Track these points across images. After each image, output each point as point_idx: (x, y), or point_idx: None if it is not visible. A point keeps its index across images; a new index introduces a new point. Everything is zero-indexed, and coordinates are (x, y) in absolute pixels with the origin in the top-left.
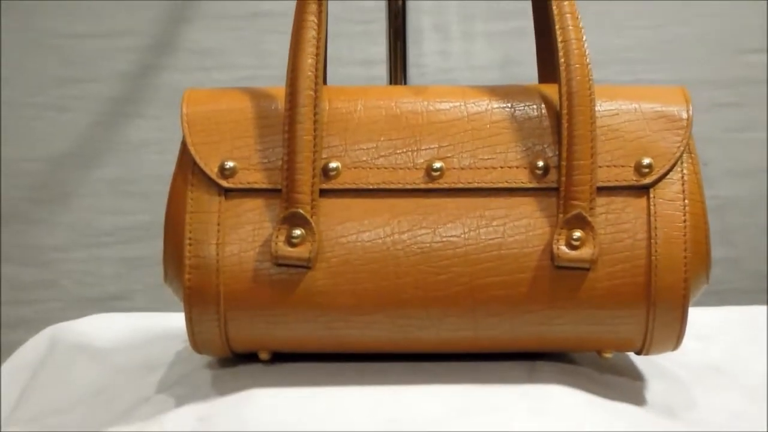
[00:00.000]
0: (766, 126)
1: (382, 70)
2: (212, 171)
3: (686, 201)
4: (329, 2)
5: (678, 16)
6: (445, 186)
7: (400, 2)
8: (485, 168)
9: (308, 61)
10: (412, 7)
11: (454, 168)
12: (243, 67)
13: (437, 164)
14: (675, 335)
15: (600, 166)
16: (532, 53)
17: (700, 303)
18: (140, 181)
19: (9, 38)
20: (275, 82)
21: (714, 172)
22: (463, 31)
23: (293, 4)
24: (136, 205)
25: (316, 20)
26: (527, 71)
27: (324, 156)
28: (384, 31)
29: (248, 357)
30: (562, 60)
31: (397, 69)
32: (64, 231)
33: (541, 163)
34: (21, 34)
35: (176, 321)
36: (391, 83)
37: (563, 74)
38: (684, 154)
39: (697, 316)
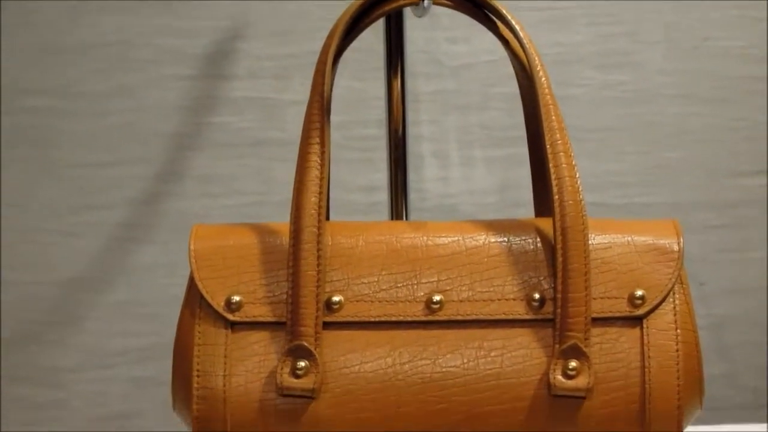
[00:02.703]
0: (760, 246)
1: (383, 196)
2: (219, 305)
3: (678, 331)
4: (331, 129)
5: (671, 140)
6: (445, 318)
7: (401, 133)
8: (483, 300)
9: (312, 199)
10: (412, 133)
11: (453, 300)
12: (249, 193)
13: (437, 297)
14: None
15: (594, 298)
16: (529, 178)
17: (698, 421)
18: (149, 303)
19: (26, 168)
20: (281, 208)
21: (710, 292)
22: (462, 157)
23: (298, 132)
24: (145, 327)
25: (319, 161)
26: (525, 195)
27: (327, 290)
28: (385, 158)
29: None
30: (557, 197)
31: (398, 195)
32: (75, 352)
33: (537, 296)
34: (35, 163)
35: None
36: (392, 209)
37: (557, 210)
38: (675, 285)
39: None
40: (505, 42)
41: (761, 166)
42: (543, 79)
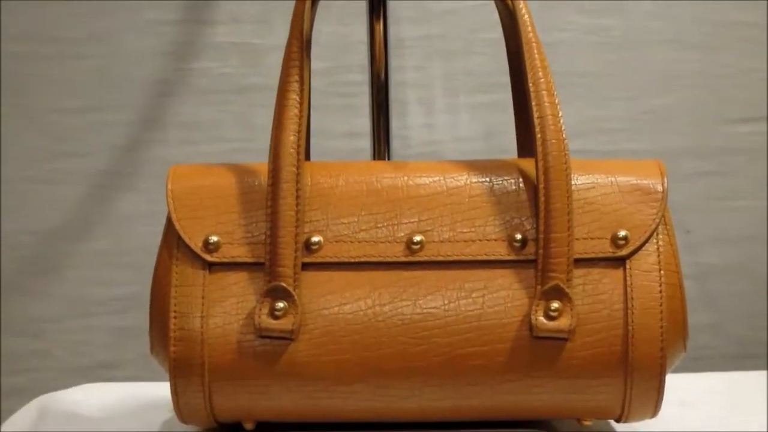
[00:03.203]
0: (749, 194)
1: (365, 143)
2: (197, 245)
3: (662, 272)
4: (312, 77)
5: (659, 86)
6: (425, 259)
7: (383, 77)
8: (464, 241)
9: (290, 138)
10: (396, 81)
11: (434, 241)
12: (231, 140)
13: (417, 238)
14: (653, 403)
15: (577, 239)
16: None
17: (682, 369)
18: (131, 252)
19: (5, 114)
20: (264, 155)
21: (696, 240)
22: (446, 104)
23: (277, 79)
24: (126, 276)
25: (298, 99)
26: (510, 142)
27: (306, 230)
28: (367, 104)
29: (233, 427)
30: (539, 135)
31: (381, 142)
32: (56, 302)
33: (519, 236)
34: (13, 110)
35: (163, 390)
36: (374, 156)
37: (540, 149)
38: (659, 226)
39: (679, 382)
40: None
41: (750, 113)
42: (526, 17)
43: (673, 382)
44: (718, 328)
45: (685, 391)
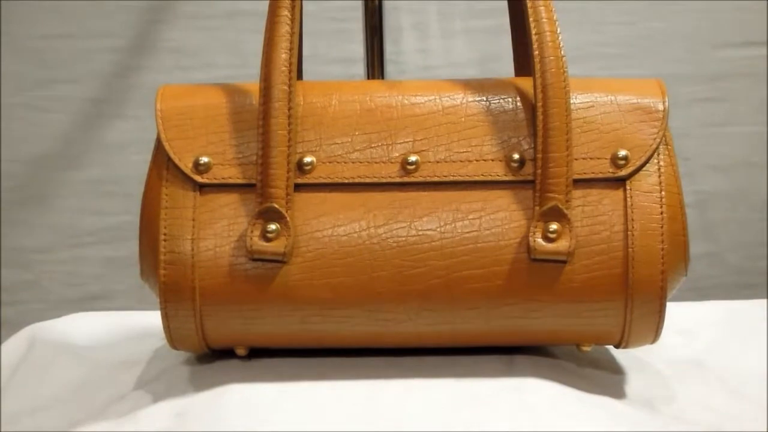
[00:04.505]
0: (747, 120)
1: (359, 68)
2: (187, 166)
3: (663, 193)
4: (306, 1)
5: (655, 11)
6: (421, 179)
7: (377, 1)
8: (460, 161)
9: (282, 56)
10: (390, 6)
11: (429, 161)
12: (222, 66)
13: (412, 158)
14: (653, 328)
15: (576, 159)
16: (511, 50)
17: (681, 298)
18: (121, 181)
19: None
20: (254, 81)
21: (695, 167)
22: (441, 29)
23: None
24: (117, 206)
25: (289, 15)
26: (506, 68)
27: (299, 150)
28: (361, 29)
29: (225, 353)
30: (537, 53)
31: (375, 66)
32: (45, 232)
33: (516, 156)
34: None
35: (155, 319)
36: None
37: (537, 67)
38: (660, 146)
39: (678, 310)
40: None
41: (749, 37)
42: None
43: (672, 310)
44: (717, 257)
45: (684, 319)
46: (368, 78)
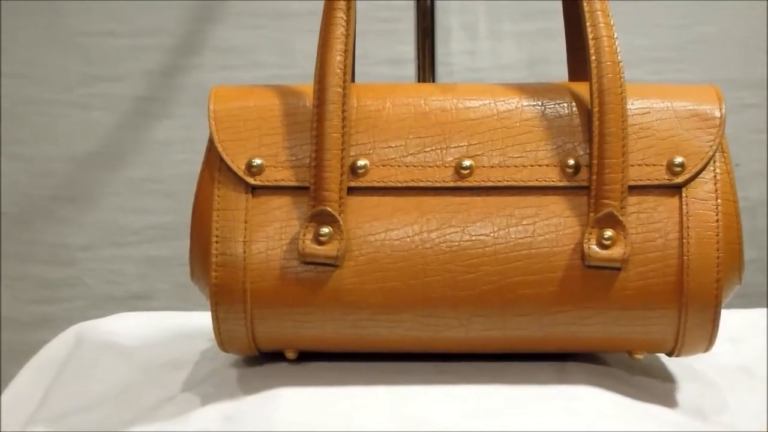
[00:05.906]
0: None
1: (410, 70)
2: (239, 168)
3: (719, 201)
4: (357, 0)
5: (705, 15)
6: (475, 184)
7: (429, 1)
8: (515, 166)
9: (337, 58)
10: (440, 7)
11: (484, 166)
12: (269, 65)
13: (466, 162)
14: (707, 337)
15: (632, 165)
16: (560, 53)
17: (729, 305)
18: (165, 180)
19: (34, 36)
20: (301, 81)
21: (744, 174)
22: (491, 31)
23: (320, 4)
24: (161, 205)
25: (345, 17)
26: (555, 70)
27: (352, 153)
28: (412, 30)
29: (274, 356)
30: (593, 57)
31: (426, 68)
32: (88, 230)
33: (571, 162)
34: (46, 31)
35: (201, 320)
36: (419, 82)
37: (594, 71)
38: (717, 153)
39: (727, 317)
40: None
41: None
42: None
43: (721, 317)
44: (764, 264)
45: (732, 326)
46: (419, 80)
